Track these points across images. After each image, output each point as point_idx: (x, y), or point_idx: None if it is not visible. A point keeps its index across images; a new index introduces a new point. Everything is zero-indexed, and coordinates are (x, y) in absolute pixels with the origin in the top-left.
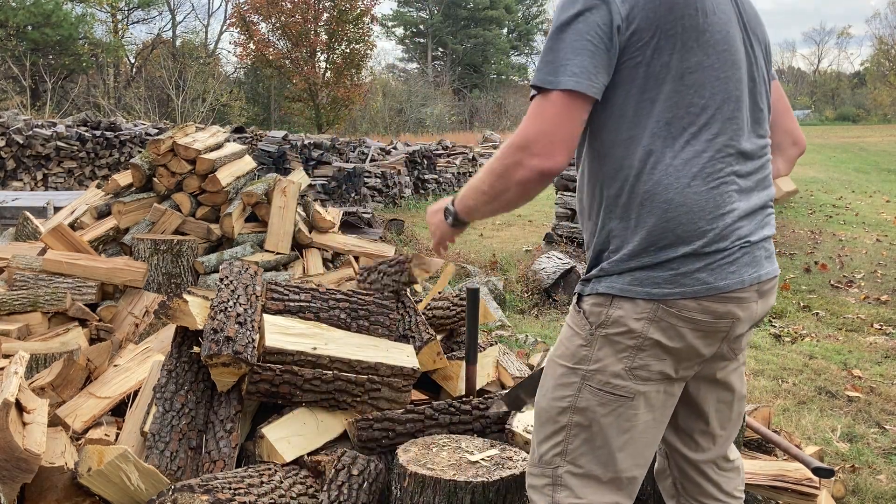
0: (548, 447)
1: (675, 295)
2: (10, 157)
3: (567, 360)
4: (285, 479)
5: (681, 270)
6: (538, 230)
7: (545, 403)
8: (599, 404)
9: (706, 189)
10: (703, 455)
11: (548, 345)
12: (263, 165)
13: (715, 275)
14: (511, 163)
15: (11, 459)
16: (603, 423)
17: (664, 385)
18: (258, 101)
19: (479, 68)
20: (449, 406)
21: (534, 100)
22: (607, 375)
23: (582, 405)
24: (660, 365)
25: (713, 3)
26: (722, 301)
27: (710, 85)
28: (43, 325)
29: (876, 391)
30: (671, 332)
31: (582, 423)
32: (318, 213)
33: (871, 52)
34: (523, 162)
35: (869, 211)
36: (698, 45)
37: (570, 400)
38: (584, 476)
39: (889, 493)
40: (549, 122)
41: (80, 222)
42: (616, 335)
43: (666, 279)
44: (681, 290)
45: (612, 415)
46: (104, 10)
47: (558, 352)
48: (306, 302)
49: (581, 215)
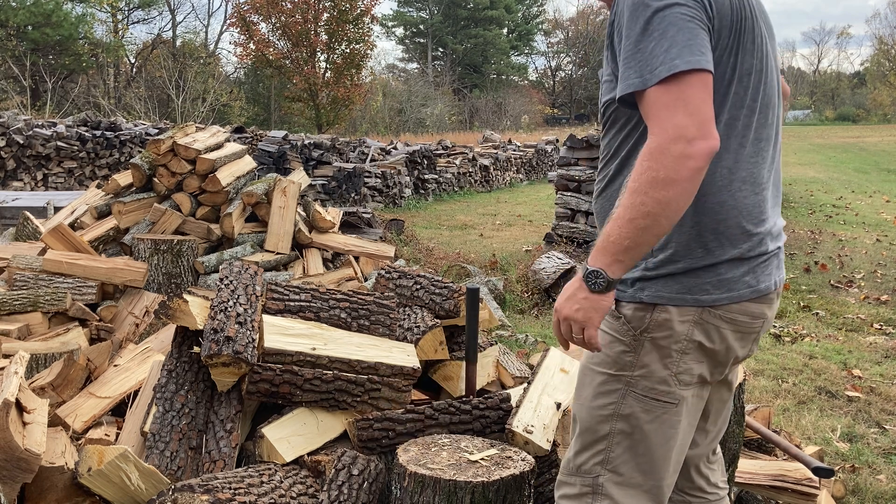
0: (587, 456)
1: (723, 300)
2: (11, 157)
3: (608, 368)
4: (285, 479)
5: (727, 276)
6: (538, 230)
7: (584, 413)
8: (644, 411)
9: (752, 194)
10: (696, 451)
11: (548, 344)
12: (263, 165)
13: (757, 277)
14: (672, 162)
15: (11, 459)
16: (647, 430)
17: (699, 389)
18: (258, 101)
19: (479, 68)
20: (449, 406)
21: (657, 90)
22: (653, 381)
23: (626, 412)
24: (699, 368)
25: (751, 3)
26: (759, 302)
27: (758, 89)
28: (43, 325)
29: (876, 391)
30: (714, 335)
31: (625, 430)
32: (318, 213)
33: (871, 52)
34: (688, 152)
35: (869, 211)
36: (753, 47)
37: (613, 408)
38: (625, 484)
39: (889, 493)
40: (694, 104)
41: (81, 222)
42: (662, 339)
43: (714, 284)
44: (728, 295)
45: (657, 422)
46: (104, 10)
47: (595, 359)
48: (306, 302)
49: (601, 214)
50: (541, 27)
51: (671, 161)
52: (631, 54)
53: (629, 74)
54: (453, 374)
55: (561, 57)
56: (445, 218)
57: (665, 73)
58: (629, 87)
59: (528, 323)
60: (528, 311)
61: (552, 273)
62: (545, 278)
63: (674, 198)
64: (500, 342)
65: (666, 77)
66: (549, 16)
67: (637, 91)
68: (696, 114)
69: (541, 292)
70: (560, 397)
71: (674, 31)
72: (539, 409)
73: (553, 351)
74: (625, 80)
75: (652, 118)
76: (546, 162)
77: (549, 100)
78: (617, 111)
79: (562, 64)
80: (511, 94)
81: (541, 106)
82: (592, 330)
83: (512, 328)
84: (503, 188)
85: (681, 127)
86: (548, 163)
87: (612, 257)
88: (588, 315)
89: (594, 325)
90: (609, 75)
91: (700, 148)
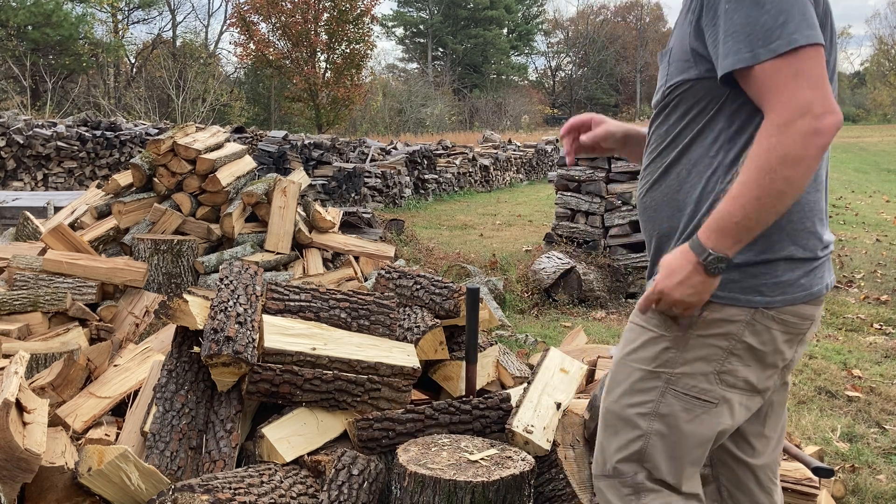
0: (624, 455)
1: (777, 303)
2: (11, 157)
3: (647, 364)
4: (285, 479)
5: (783, 278)
6: (538, 230)
7: (618, 409)
8: (683, 410)
9: (814, 191)
10: (759, 459)
11: (548, 344)
12: (263, 165)
13: (811, 280)
14: (801, 138)
15: (12, 459)
16: (685, 430)
17: (747, 397)
18: (258, 101)
19: (479, 68)
20: (449, 406)
21: (776, 64)
22: (696, 379)
23: (664, 411)
24: (745, 371)
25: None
26: (811, 304)
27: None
28: (43, 325)
29: (876, 391)
30: (764, 336)
31: (662, 431)
32: (318, 212)
33: (871, 52)
34: (816, 127)
35: (869, 211)
36: (832, 45)
37: (651, 406)
38: (662, 483)
39: (889, 493)
40: (815, 78)
41: (81, 222)
42: (710, 337)
43: (770, 287)
44: (782, 298)
45: (695, 422)
46: (104, 10)
47: (632, 355)
48: (306, 302)
49: (653, 208)
50: (541, 27)
51: (800, 137)
52: (739, 27)
53: (738, 48)
54: (453, 374)
55: (561, 57)
56: (445, 218)
57: (785, 48)
58: (739, 61)
59: (528, 323)
60: (528, 311)
61: (552, 273)
62: (545, 278)
63: (800, 176)
64: (500, 342)
65: (785, 51)
66: (549, 16)
67: (744, 67)
68: (820, 87)
69: (541, 292)
70: (560, 397)
71: (788, 5)
72: (539, 409)
73: (553, 351)
74: (733, 55)
75: (773, 93)
76: (546, 162)
77: (549, 100)
78: (684, 95)
79: (562, 64)
80: (511, 94)
81: (541, 106)
82: (696, 308)
83: (512, 328)
84: (503, 188)
85: (807, 102)
86: (548, 163)
87: (733, 239)
88: (702, 297)
89: (701, 304)
90: (685, 54)
91: (828, 123)
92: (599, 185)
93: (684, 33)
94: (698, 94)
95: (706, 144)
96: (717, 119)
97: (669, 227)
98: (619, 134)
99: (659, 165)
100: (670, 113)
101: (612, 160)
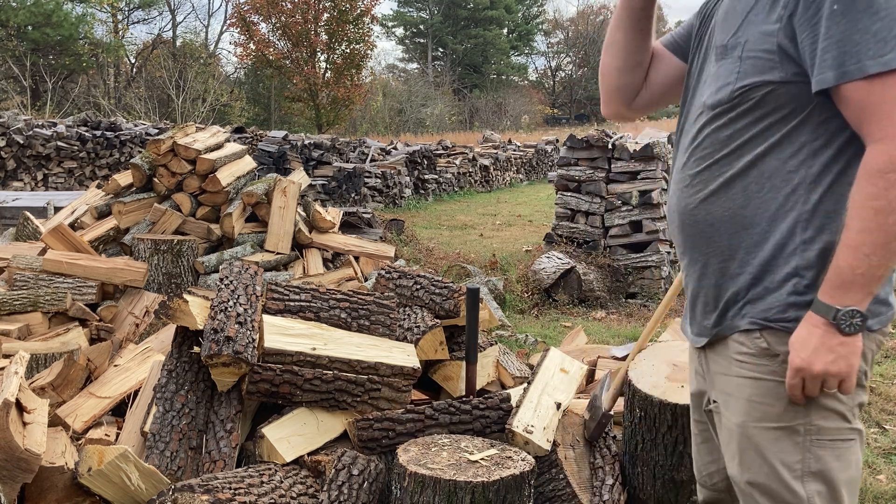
0: None
1: (882, 323)
2: (11, 157)
3: (775, 421)
4: (285, 479)
5: (888, 299)
6: (538, 230)
7: (763, 480)
8: (835, 458)
9: None
10: None
11: (548, 344)
12: (263, 165)
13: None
14: None
15: (12, 459)
16: (840, 479)
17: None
18: (258, 101)
19: (479, 68)
20: (449, 406)
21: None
22: (835, 420)
23: (815, 469)
24: (862, 395)
25: None
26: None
27: None
28: (43, 325)
29: (876, 391)
30: (868, 357)
31: (820, 490)
32: (319, 213)
33: None
34: None
35: None
36: None
37: (800, 467)
38: None
39: (889, 493)
40: None
41: (81, 222)
42: None
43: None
44: (877, 319)
45: (847, 467)
46: (104, 10)
47: (754, 415)
48: (306, 302)
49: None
50: (541, 27)
51: None
52: (845, 34)
53: (844, 60)
54: (453, 374)
55: (561, 57)
56: (445, 218)
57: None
58: (844, 75)
59: (528, 323)
60: (528, 311)
61: (552, 273)
62: (545, 278)
63: None
64: (500, 342)
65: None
66: (549, 16)
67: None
68: None
69: (541, 292)
70: (560, 397)
71: None
72: (539, 409)
73: (553, 351)
74: (836, 68)
75: (884, 116)
76: (546, 162)
77: (549, 100)
78: (763, 98)
79: (562, 64)
80: (511, 94)
81: (541, 106)
82: (853, 379)
83: (512, 328)
84: (503, 188)
85: None
86: (548, 163)
87: (863, 291)
88: (850, 363)
89: (855, 372)
90: (768, 52)
91: None
92: (599, 186)
93: (770, 28)
94: (781, 99)
95: (783, 157)
96: (801, 130)
97: (729, 245)
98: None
99: (717, 174)
100: (739, 116)
101: (611, 160)
